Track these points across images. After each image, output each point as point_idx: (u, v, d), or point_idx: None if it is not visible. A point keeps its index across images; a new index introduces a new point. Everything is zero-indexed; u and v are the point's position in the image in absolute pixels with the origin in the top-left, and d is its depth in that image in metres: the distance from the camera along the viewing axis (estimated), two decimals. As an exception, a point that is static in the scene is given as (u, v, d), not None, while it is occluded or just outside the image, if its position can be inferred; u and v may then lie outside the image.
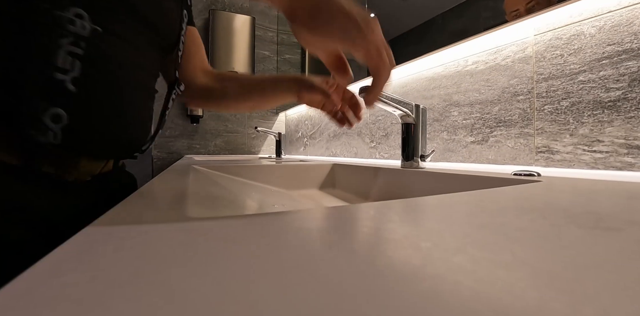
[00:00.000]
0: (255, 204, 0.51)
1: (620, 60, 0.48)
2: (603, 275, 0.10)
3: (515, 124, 0.63)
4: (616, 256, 0.11)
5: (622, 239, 0.13)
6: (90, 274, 0.10)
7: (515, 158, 0.63)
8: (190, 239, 0.14)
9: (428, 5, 0.85)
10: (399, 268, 0.10)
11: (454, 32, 0.76)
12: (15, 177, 0.33)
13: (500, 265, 0.10)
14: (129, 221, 0.17)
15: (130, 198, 0.26)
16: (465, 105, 0.74)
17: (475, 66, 0.72)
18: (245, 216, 0.18)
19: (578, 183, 0.34)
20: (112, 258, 0.11)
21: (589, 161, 0.52)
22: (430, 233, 0.15)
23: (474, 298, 0.08)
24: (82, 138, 0.36)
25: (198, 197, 0.30)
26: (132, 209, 0.21)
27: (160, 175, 0.50)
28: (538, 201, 0.23)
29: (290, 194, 0.76)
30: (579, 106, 0.53)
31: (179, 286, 0.09)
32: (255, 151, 2.07)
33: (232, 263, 0.11)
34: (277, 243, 0.13)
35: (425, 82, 0.86)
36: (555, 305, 0.08)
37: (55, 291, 0.09)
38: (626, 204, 0.22)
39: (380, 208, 0.21)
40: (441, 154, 0.81)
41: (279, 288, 0.09)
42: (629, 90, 0.47)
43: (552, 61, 0.57)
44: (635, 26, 0.47)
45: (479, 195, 0.26)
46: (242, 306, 0.08)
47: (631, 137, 0.47)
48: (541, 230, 0.15)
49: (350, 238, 0.14)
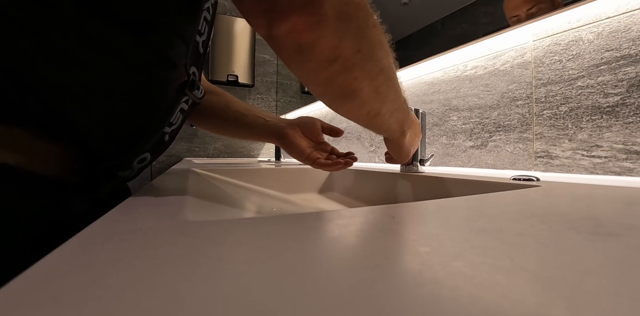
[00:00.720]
0: (254, 208, 0.51)
1: (619, 66, 0.48)
2: (602, 281, 0.10)
3: (514, 129, 0.64)
4: (615, 261, 0.11)
5: (621, 244, 0.13)
6: (89, 276, 0.10)
7: (514, 162, 0.63)
8: (189, 242, 0.14)
9: (428, 10, 0.85)
10: (398, 273, 0.10)
11: (453, 37, 0.77)
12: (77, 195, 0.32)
13: (499, 270, 0.10)
14: (127, 224, 0.17)
15: (129, 200, 0.26)
16: (464, 110, 0.74)
17: (474, 71, 0.72)
18: (244, 220, 0.18)
19: (577, 187, 0.34)
20: (110, 260, 0.11)
21: (587, 166, 0.52)
22: (429, 237, 0.15)
23: (473, 304, 0.08)
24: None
25: (197, 200, 0.30)
26: (131, 211, 0.21)
27: (159, 178, 0.50)
28: (537, 206, 0.23)
29: (289, 197, 0.75)
30: (578, 111, 0.53)
31: (177, 289, 0.09)
32: (255, 154, 2.08)
33: (231, 267, 0.11)
34: (276, 247, 0.13)
35: (425, 87, 0.86)
36: (554, 311, 0.08)
37: (54, 292, 0.09)
38: (625, 209, 0.22)
39: (378, 213, 0.21)
40: (440, 159, 0.81)
41: (278, 291, 0.09)
42: (628, 96, 0.47)
43: (550, 66, 0.58)
44: (633, 32, 0.47)
45: (478, 200, 0.26)
46: (241, 310, 0.08)
47: (630, 142, 0.47)
48: (540, 235, 0.15)
49: (349, 242, 0.14)
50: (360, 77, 0.27)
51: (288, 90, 1.99)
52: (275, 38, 0.23)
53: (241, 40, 1.88)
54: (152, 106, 0.32)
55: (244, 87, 1.97)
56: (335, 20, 0.22)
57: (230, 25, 1.85)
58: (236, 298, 0.08)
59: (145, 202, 0.25)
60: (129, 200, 0.26)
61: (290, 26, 0.22)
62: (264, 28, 0.23)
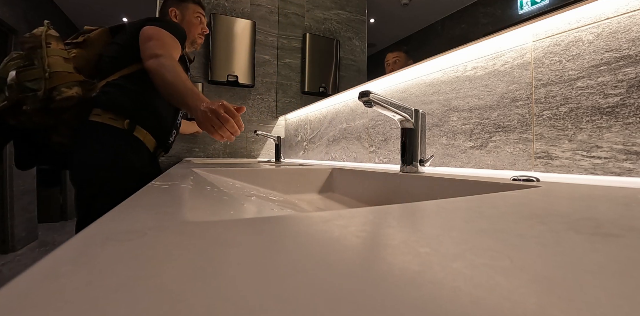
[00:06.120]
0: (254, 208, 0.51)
1: (618, 66, 0.48)
2: (602, 281, 0.10)
3: (514, 130, 0.64)
4: (615, 262, 0.11)
5: (621, 245, 0.13)
6: (87, 277, 0.10)
7: (514, 163, 0.63)
8: (188, 242, 0.14)
9: (428, 11, 0.85)
10: (398, 273, 0.10)
11: (453, 38, 0.77)
12: (150, 157, 1.01)
13: (499, 270, 0.10)
14: (127, 224, 0.17)
15: (128, 200, 0.26)
16: (464, 110, 0.74)
17: (474, 71, 0.72)
18: (243, 220, 0.18)
19: (577, 188, 0.34)
20: (110, 260, 0.11)
21: (587, 166, 0.52)
22: (428, 238, 0.15)
23: (473, 304, 0.08)
24: (172, 143, 1.12)
25: (197, 200, 0.30)
26: (130, 211, 0.21)
27: (159, 178, 0.50)
28: (537, 207, 0.23)
29: (289, 198, 0.75)
30: (578, 111, 0.53)
31: (176, 290, 0.09)
32: (255, 154, 2.07)
33: (230, 267, 0.11)
34: (275, 247, 0.13)
35: (425, 88, 0.86)
36: (554, 312, 0.08)
37: (52, 294, 0.09)
38: (625, 210, 0.22)
39: (378, 213, 0.21)
40: (440, 159, 0.81)
41: (277, 292, 0.09)
42: (627, 96, 0.47)
43: (550, 66, 0.58)
44: (632, 33, 0.47)
45: (477, 200, 0.26)
46: (241, 310, 0.08)
47: (629, 143, 0.47)
48: (540, 236, 0.15)
49: (348, 243, 0.14)
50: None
51: (288, 90, 1.99)
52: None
53: (241, 40, 1.88)
54: (176, 112, 1.11)
55: (244, 87, 1.97)
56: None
57: (230, 26, 1.85)
58: (236, 299, 0.08)
59: (145, 202, 0.25)
60: (129, 200, 0.26)
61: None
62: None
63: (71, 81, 0.86)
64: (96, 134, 0.89)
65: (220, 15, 1.85)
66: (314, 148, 1.58)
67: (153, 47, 0.87)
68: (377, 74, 1.00)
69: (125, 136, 0.92)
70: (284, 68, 2.02)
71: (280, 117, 2.10)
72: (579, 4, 0.51)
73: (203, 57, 1.89)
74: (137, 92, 0.94)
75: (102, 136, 0.89)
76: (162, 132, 1.02)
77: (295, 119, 1.87)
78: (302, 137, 1.74)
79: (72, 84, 0.86)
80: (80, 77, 0.90)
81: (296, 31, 1.89)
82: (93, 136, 0.89)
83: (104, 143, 0.89)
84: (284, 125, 2.12)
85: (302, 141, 1.75)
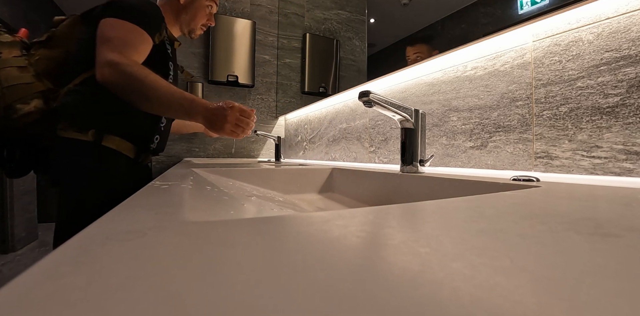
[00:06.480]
0: (254, 208, 0.51)
1: (618, 66, 0.48)
2: (602, 281, 0.10)
3: (514, 130, 0.64)
4: (615, 262, 0.11)
5: (621, 245, 0.13)
6: (87, 277, 0.10)
7: (514, 163, 0.63)
8: (188, 242, 0.14)
9: (428, 11, 0.85)
10: (398, 273, 0.10)
11: (453, 38, 0.77)
12: (131, 164, 0.89)
13: (499, 270, 0.10)
14: (127, 224, 0.17)
15: (128, 200, 0.26)
16: (464, 110, 0.74)
17: (474, 71, 0.72)
18: (244, 220, 0.18)
19: (577, 188, 0.34)
20: (110, 260, 0.11)
21: (587, 166, 0.52)
22: (428, 238, 0.15)
23: (473, 304, 0.08)
24: (159, 147, 0.98)
25: (197, 200, 0.30)
26: (131, 211, 0.21)
27: (159, 178, 0.50)
28: (537, 207, 0.23)
29: (289, 198, 0.75)
30: (578, 111, 0.53)
31: (177, 289, 0.09)
32: (255, 154, 2.07)
33: (230, 267, 0.11)
34: (275, 247, 0.13)
35: (425, 88, 0.86)
36: (554, 311, 0.08)
37: (54, 292, 0.08)
38: (625, 210, 0.22)
39: (378, 213, 0.21)
40: (440, 159, 0.81)
41: (277, 292, 0.09)
42: (627, 96, 0.47)
43: (550, 67, 0.58)
44: (632, 33, 0.47)
45: (477, 200, 0.26)
46: (240, 310, 0.08)
47: (629, 143, 0.47)
48: (540, 236, 0.15)
49: (349, 243, 0.14)
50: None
51: (288, 90, 1.99)
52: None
53: (241, 40, 1.88)
54: (157, 120, 0.93)
55: (244, 87, 1.97)
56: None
57: (230, 26, 1.85)
58: (236, 299, 0.08)
59: (145, 202, 0.25)
60: (129, 200, 0.26)
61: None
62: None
63: (30, 94, 0.75)
64: (64, 153, 0.79)
65: (221, 15, 1.85)
66: (314, 148, 1.58)
67: (105, 51, 0.71)
68: (377, 74, 1.00)
69: (95, 149, 0.80)
70: (284, 68, 2.02)
71: (280, 117, 2.10)
72: (579, 4, 0.51)
73: (203, 57, 1.89)
74: (102, 98, 0.77)
75: (71, 155, 0.79)
76: (140, 137, 0.89)
77: (295, 119, 1.87)
78: (302, 137, 1.74)
79: (31, 97, 0.75)
80: (43, 86, 0.78)
81: (296, 31, 1.89)
82: (61, 154, 0.80)
83: (72, 163, 0.78)
84: (284, 125, 2.12)
85: (302, 141, 1.75)
